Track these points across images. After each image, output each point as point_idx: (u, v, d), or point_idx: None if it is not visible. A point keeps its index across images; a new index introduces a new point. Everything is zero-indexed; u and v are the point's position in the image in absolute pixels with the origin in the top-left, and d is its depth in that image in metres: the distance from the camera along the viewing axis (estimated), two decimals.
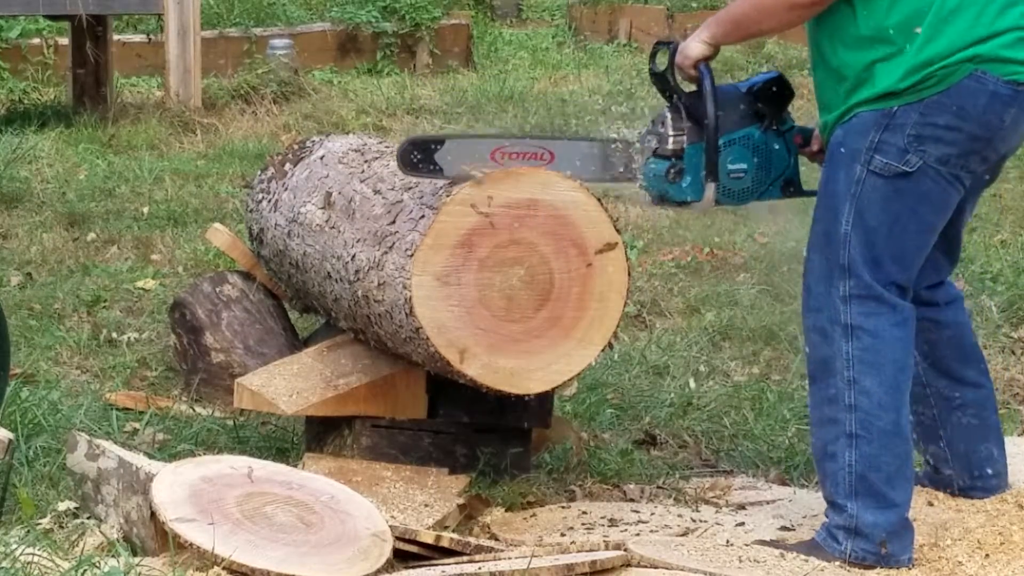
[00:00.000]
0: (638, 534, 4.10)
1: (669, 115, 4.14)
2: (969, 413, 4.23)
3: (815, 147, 4.23)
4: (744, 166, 4.14)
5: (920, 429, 4.23)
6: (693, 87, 4.12)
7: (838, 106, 3.93)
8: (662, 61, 4.15)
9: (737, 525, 4.25)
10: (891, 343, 3.88)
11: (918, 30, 3.78)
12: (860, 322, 3.88)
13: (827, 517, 3.97)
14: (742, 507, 4.47)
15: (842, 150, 3.91)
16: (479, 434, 4.50)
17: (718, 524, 4.25)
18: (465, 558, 3.88)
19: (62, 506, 4.05)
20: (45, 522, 3.96)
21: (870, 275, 3.87)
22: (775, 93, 4.19)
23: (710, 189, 4.10)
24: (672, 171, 4.11)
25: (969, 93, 3.78)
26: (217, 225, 5.78)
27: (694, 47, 4.08)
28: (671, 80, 4.12)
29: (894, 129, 3.82)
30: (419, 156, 4.04)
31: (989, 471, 4.27)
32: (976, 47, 3.77)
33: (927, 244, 3.94)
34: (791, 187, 4.24)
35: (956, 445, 4.25)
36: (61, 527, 3.96)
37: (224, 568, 3.52)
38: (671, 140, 4.12)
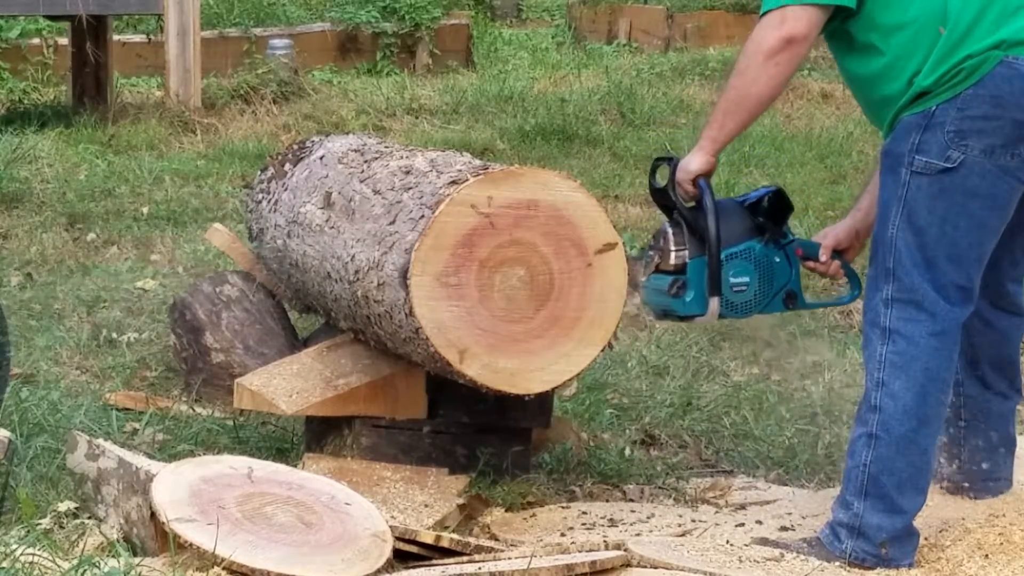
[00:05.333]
0: (638, 534, 4.10)
1: (670, 230, 4.14)
2: (989, 420, 4.22)
3: (823, 257, 4.25)
4: (746, 279, 4.16)
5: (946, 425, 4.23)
6: (692, 203, 4.12)
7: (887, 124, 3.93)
8: (662, 177, 4.15)
9: (737, 525, 4.25)
10: (925, 350, 3.85)
11: (941, 30, 3.78)
12: (897, 326, 3.86)
13: (833, 513, 3.97)
14: (742, 507, 4.47)
15: (888, 157, 3.90)
16: (479, 434, 4.50)
17: (718, 524, 4.25)
18: (465, 558, 3.88)
19: (62, 506, 4.05)
20: (45, 522, 3.96)
21: (922, 277, 3.83)
22: (774, 207, 4.20)
23: (713, 303, 4.11)
24: (675, 286, 4.12)
25: (1004, 80, 3.76)
26: (217, 225, 5.78)
27: (694, 161, 4.06)
28: (672, 196, 4.12)
29: (934, 128, 3.80)
30: None
31: (996, 476, 4.27)
32: (1000, 32, 3.77)
33: (983, 242, 3.87)
34: (793, 300, 4.25)
35: (971, 447, 4.25)
36: (61, 527, 3.95)
37: (224, 568, 3.52)
38: (673, 255, 4.13)
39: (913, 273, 3.85)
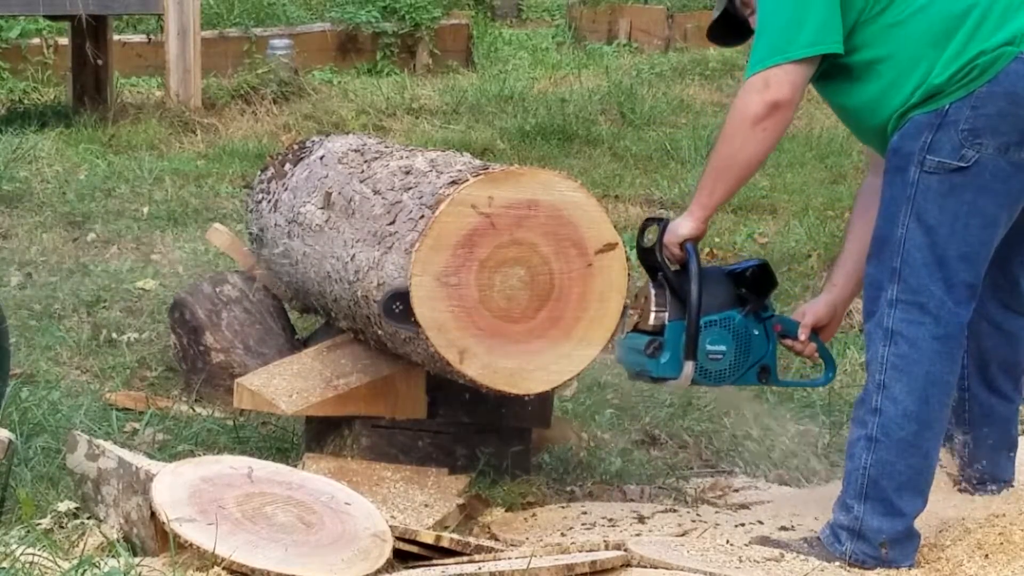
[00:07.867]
0: (638, 534, 4.10)
1: (653, 291, 4.14)
2: (992, 422, 4.22)
3: (802, 336, 4.25)
4: (723, 348, 4.14)
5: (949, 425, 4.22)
6: (678, 266, 4.12)
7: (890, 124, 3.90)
8: (651, 237, 4.15)
9: (737, 525, 4.25)
10: (928, 354, 3.83)
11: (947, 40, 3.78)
12: (900, 328, 3.84)
13: (833, 514, 3.97)
14: (742, 507, 4.47)
15: (897, 156, 3.86)
16: (479, 434, 4.50)
17: (718, 524, 4.25)
18: (465, 558, 3.88)
19: (62, 506, 4.05)
20: (45, 522, 3.96)
21: (932, 276, 3.81)
22: (759, 280, 4.20)
23: (688, 367, 4.09)
24: (651, 346, 4.11)
25: (1019, 77, 3.74)
26: (217, 225, 5.78)
27: (683, 225, 4.06)
28: (658, 256, 4.11)
29: (947, 127, 3.77)
30: (401, 306, 4.02)
31: (997, 477, 4.27)
32: (1009, 27, 3.75)
33: (992, 239, 3.86)
34: (767, 374, 4.23)
35: (972, 447, 4.25)
36: (61, 527, 3.96)
37: (224, 568, 3.52)
38: (653, 315, 4.13)
39: (922, 273, 3.83)
